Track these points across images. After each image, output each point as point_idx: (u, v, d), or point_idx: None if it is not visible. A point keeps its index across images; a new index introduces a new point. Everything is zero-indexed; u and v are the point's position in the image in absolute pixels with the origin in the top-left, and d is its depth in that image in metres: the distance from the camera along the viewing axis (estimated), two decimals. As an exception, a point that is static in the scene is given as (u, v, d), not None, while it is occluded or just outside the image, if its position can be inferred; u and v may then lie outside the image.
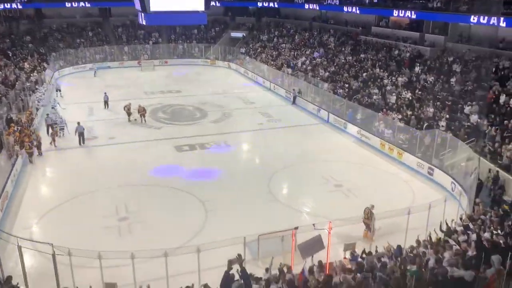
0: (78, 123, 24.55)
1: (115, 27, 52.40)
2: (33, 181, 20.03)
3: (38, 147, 22.42)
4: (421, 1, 32.87)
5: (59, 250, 11.16)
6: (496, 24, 23.89)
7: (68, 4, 47.51)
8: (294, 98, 33.79)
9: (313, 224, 13.10)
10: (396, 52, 33.16)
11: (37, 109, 28.48)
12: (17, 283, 11.25)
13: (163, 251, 11.50)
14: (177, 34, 53.29)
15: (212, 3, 29.76)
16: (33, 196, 18.52)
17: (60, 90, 35.16)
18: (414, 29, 34.82)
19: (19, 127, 22.81)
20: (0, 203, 16.19)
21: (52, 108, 29.73)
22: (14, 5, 44.73)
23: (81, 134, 24.28)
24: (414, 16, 31.41)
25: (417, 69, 29.42)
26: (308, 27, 47.60)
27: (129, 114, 28.32)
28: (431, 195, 17.82)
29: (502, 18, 23.44)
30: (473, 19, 25.63)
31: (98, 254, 11.26)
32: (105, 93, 31.41)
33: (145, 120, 28.35)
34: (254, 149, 25.28)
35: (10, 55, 38.93)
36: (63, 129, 25.85)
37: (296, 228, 13.03)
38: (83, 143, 24.27)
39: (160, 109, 31.59)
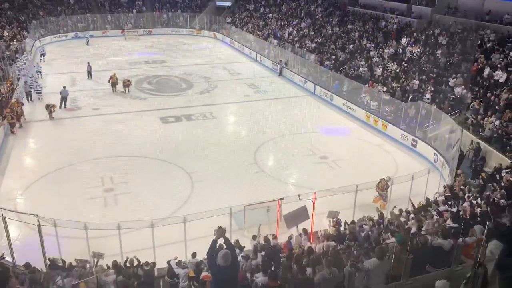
0: (64, 87, 25.32)
1: (97, -6, 50.87)
2: (16, 152, 19.76)
3: (18, 118, 21.99)
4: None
5: (44, 221, 11.14)
6: (482, -5, 23.86)
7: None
8: (281, 69, 33.59)
9: (298, 195, 13.28)
10: (383, 23, 32.96)
11: (18, 79, 27.80)
12: (3, 254, 11.27)
13: (149, 222, 11.59)
14: (161, 2, 52.04)
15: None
16: (17, 168, 18.32)
17: (44, 55, 34.45)
18: (401, 0, 34.54)
19: (-1, 97, 22.34)
20: (-18, 175, 15.98)
21: (38, 72, 30.44)
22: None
23: (63, 98, 24.93)
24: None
25: (403, 41, 29.35)
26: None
27: (113, 84, 27.85)
28: (414, 167, 18.12)
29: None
30: (461, -10, 25.51)
31: (84, 225, 11.30)
32: (88, 63, 30.78)
33: (129, 91, 27.97)
34: (240, 121, 25.24)
35: (-12, 23, 37.66)
36: (40, 92, 26.49)
37: (282, 198, 13.21)
38: (65, 107, 24.88)
39: (145, 80, 31.15)
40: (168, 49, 41.88)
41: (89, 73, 30.49)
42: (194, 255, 11.14)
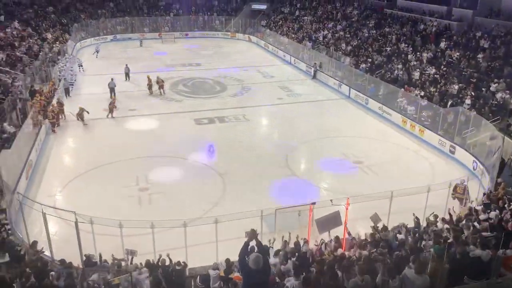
0: (112, 79, 27.40)
1: (136, -2, 52.19)
2: (56, 150, 20.47)
3: (58, 118, 22.71)
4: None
5: (81, 218, 11.48)
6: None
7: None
8: (315, 72, 33.34)
9: (331, 200, 13.10)
10: (422, 26, 32.17)
11: (59, 80, 28.83)
12: (42, 248, 11.68)
13: (182, 222, 11.72)
14: (197, 6, 52.78)
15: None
16: (57, 165, 18.98)
17: (82, 66, 35.50)
18: (441, 3, 33.61)
19: (42, 97, 23.17)
20: (25, 172, 16.63)
21: (79, 66, 33.49)
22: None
23: (112, 90, 27.09)
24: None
25: (442, 44, 28.55)
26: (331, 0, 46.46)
27: (150, 87, 28.41)
28: (452, 174, 17.54)
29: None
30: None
31: (119, 223, 11.55)
32: (126, 65, 31.54)
33: (164, 92, 28.47)
34: (273, 124, 25.20)
35: (33, 26, 39.24)
36: (72, 84, 29.09)
37: (314, 203, 13.07)
38: (114, 95, 26.89)
39: (180, 82, 31.64)
40: (204, 52, 42.36)
41: (127, 74, 31.25)
42: (227, 260, 11.16)
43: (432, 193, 13.91)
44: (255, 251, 6.62)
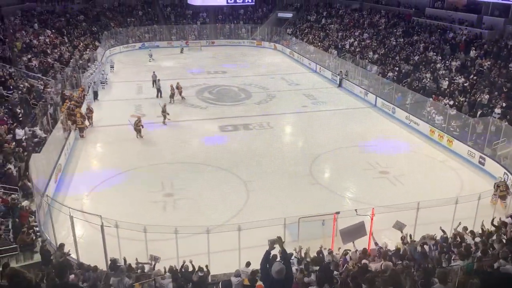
0: (158, 80, 29.77)
1: (164, 7, 53.07)
2: (84, 154, 20.94)
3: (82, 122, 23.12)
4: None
5: (107, 222, 11.67)
6: None
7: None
8: (341, 80, 33.12)
9: (355, 210, 12.93)
10: (451, 35, 31.57)
11: (89, 86, 29.55)
12: (69, 250, 11.91)
13: (205, 228, 11.78)
14: (224, 14, 53.28)
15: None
16: (84, 169, 19.40)
17: (113, 67, 36.67)
18: (471, 11, 32.92)
19: (72, 103, 23.78)
20: (54, 175, 17.06)
21: (111, 67, 36.28)
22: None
23: (158, 90, 29.36)
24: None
25: (472, 53, 27.93)
26: (358, 8, 46.17)
27: (172, 95, 28.61)
28: (482, 186, 17.06)
29: None
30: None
31: (144, 228, 11.69)
32: (154, 72, 32.06)
33: (183, 97, 28.85)
34: (297, 131, 25.11)
35: (65, 34, 40.44)
36: (104, 83, 31.29)
37: (338, 212, 12.93)
38: (161, 96, 28.92)
39: (206, 90, 31.94)
40: (229, 60, 42.71)
41: (154, 82, 31.71)
42: (248, 264, 11.13)
43: (460, 205, 13.55)
44: (278, 259, 6.56)
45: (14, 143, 18.07)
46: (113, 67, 37.03)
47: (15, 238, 12.66)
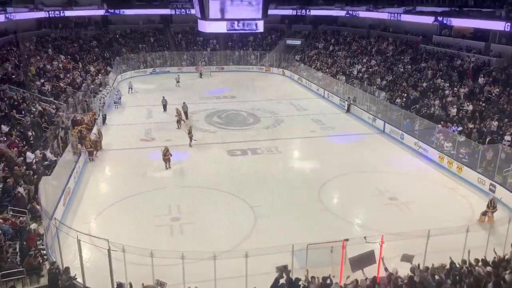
0: (184, 102, 30.49)
1: (175, 34, 54.17)
2: (93, 178, 21.06)
3: (97, 147, 23.38)
4: (487, 10, 31.16)
5: (114, 246, 11.63)
6: None
7: (132, 12, 50.08)
8: (349, 106, 33.25)
9: (365, 237, 12.76)
10: (459, 62, 31.75)
11: (99, 110, 29.95)
12: (75, 275, 11.85)
13: (212, 254, 11.67)
14: (234, 41, 54.18)
15: (270, 11, 30.12)
16: (93, 193, 19.48)
17: (131, 88, 38.88)
18: (478, 39, 33.18)
19: (82, 127, 24.08)
20: (63, 198, 17.14)
21: (129, 88, 38.46)
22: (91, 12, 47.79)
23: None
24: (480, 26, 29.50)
25: (481, 80, 28.00)
26: (366, 35, 46.73)
27: (179, 120, 28.73)
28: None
29: None
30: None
31: (150, 253, 11.63)
32: (164, 97, 32.42)
33: (186, 118, 29.46)
34: (305, 156, 25.09)
35: (78, 59, 41.32)
36: (117, 102, 33.29)
37: (347, 239, 12.76)
38: (187, 118, 29.68)
39: (215, 114, 32.20)
40: (238, 85, 43.16)
41: (165, 106, 32.06)
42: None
43: (471, 234, 13.32)
44: None
45: (24, 166, 18.29)
46: (131, 88, 38.63)
47: (22, 261, 12.65)
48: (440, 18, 32.67)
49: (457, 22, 32.18)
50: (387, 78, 35.12)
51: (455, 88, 28.45)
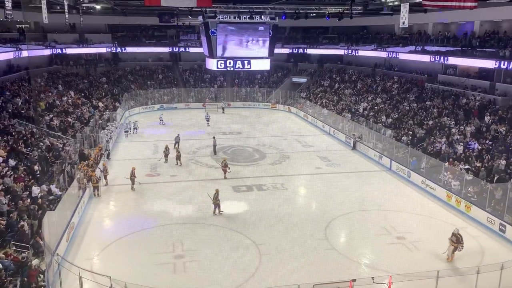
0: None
1: (184, 71, 55.25)
2: (97, 214, 20.94)
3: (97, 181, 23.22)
4: (492, 50, 31.59)
5: (116, 284, 11.42)
6: None
7: (143, 49, 51.55)
8: (355, 143, 33.27)
9: (372, 278, 12.47)
10: (464, 100, 31.94)
11: (106, 145, 30.13)
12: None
13: (216, 293, 11.41)
14: (240, 78, 55.10)
15: (276, 50, 30.89)
16: (96, 229, 19.31)
17: (162, 120, 40.33)
18: (483, 78, 33.49)
19: (89, 162, 24.19)
20: (66, 234, 17.00)
21: (160, 121, 40.26)
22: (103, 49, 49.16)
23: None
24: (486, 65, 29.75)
25: (487, 118, 28.05)
26: (371, 73, 47.39)
27: (166, 155, 28.64)
28: (504, 254, 16.44)
29: None
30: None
31: (153, 291, 11.39)
32: (178, 135, 32.30)
33: (180, 163, 28.57)
34: (311, 193, 24.89)
35: (87, 95, 42.07)
36: (136, 129, 36.42)
37: (354, 280, 12.47)
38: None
39: (221, 150, 32.29)
40: (244, 121, 43.53)
41: (177, 143, 31.77)
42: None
43: (482, 275, 12.98)
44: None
45: (29, 200, 18.28)
46: (162, 120, 40.47)
47: (23, 298, 12.42)
48: (438, 57, 33.35)
49: (455, 61, 32.89)
50: (392, 116, 35.29)
51: (461, 126, 28.48)
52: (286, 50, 53.45)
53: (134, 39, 52.58)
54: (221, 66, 19.94)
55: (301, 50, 52.89)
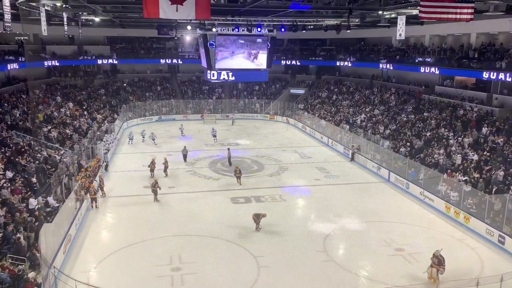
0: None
1: (182, 82, 55.44)
2: (95, 226, 20.80)
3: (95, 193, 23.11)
4: (487, 62, 31.79)
5: (113, 297, 11.31)
6: None
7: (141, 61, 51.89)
8: (353, 154, 33.28)
9: (371, 290, 12.37)
10: (462, 112, 32.07)
11: (104, 156, 30.06)
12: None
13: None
14: (239, 90, 55.30)
15: (274, 61, 31.15)
16: (94, 241, 19.17)
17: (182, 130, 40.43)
18: (480, 89, 33.67)
19: (87, 173, 24.11)
20: (63, 246, 16.86)
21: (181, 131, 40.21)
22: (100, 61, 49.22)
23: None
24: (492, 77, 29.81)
25: (484, 130, 28.14)
26: (369, 85, 47.61)
27: (152, 170, 27.98)
28: (503, 266, 16.39)
29: None
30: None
31: (150, 304, 11.27)
32: (185, 147, 32.15)
33: (167, 174, 28.34)
34: (310, 205, 24.80)
35: (85, 106, 42.11)
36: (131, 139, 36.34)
37: (353, 292, 12.37)
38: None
39: (219, 161, 32.26)
40: (243, 133, 43.56)
41: (185, 156, 31.64)
42: None
43: (482, 287, 12.91)
44: None
45: (26, 212, 18.17)
46: (182, 130, 40.94)
47: (18, 312, 12.27)
48: (433, 69, 33.66)
49: (450, 72, 33.12)
50: (390, 127, 35.38)
51: (459, 138, 28.55)
52: (284, 62, 53.72)
53: (132, 51, 52.85)
54: (219, 77, 20.02)
55: (298, 62, 53.21)
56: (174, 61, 52.95)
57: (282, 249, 18.33)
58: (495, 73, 28.36)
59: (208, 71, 21.11)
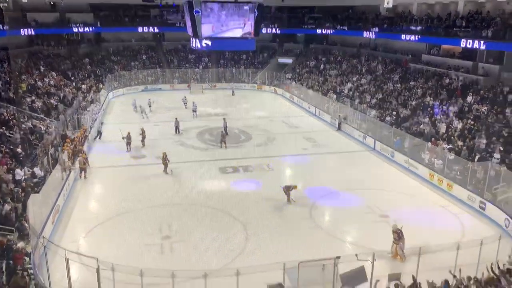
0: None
1: (168, 51, 54.48)
2: (83, 196, 20.84)
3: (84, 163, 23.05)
4: (474, 30, 31.76)
5: (103, 265, 11.47)
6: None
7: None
8: (340, 124, 33.48)
9: (356, 255, 12.73)
10: (447, 80, 32.26)
11: (91, 127, 29.80)
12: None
13: (202, 272, 11.56)
14: (226, 59, 54.62)
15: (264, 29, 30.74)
16: (82, 211, 19.25)
17: (150, 106, 38.40)
18: (466, 58, 33.78)
19: (73, 143, 23.92)
20: (51, 216, 16.91)
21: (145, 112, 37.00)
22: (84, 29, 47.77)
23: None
24: (468, 45, 29.98)
25: (469, 98, 28.43)
26: (356, 54, 47.40)
27: (143, 138, 28.09)
28: (483, 231, 16.94)
29: None
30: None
31: (140, 271, 11.47)
32: (176, 118, 31.97)
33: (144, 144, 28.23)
34: (297, 174, 25.08)
35: (70, 76, 41.29)
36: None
37: (338, 257, 12.73)
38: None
39: (207, 131, 32.22)
40: (230, 103, 43.35)
41: (177, 128, 31.55)
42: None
43: (462, 251, 13.37)
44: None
45: (13, 183, 18.07)
46: (185, 102, 40.03)
47: (9, 281, 12.39)
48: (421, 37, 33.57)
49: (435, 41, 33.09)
50: (377, 96, 35.51)
51: (444, 106, 28.83)
52: (271, 30, 52.90)
53: (117, 18, 51.46)
54: (205, 45, 19.68)
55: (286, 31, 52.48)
56: (159, 29, 51.75)
57: (270, 217, 18.66)
58: (481, 42, 28.36)
59: (194, 39, 20.62)
